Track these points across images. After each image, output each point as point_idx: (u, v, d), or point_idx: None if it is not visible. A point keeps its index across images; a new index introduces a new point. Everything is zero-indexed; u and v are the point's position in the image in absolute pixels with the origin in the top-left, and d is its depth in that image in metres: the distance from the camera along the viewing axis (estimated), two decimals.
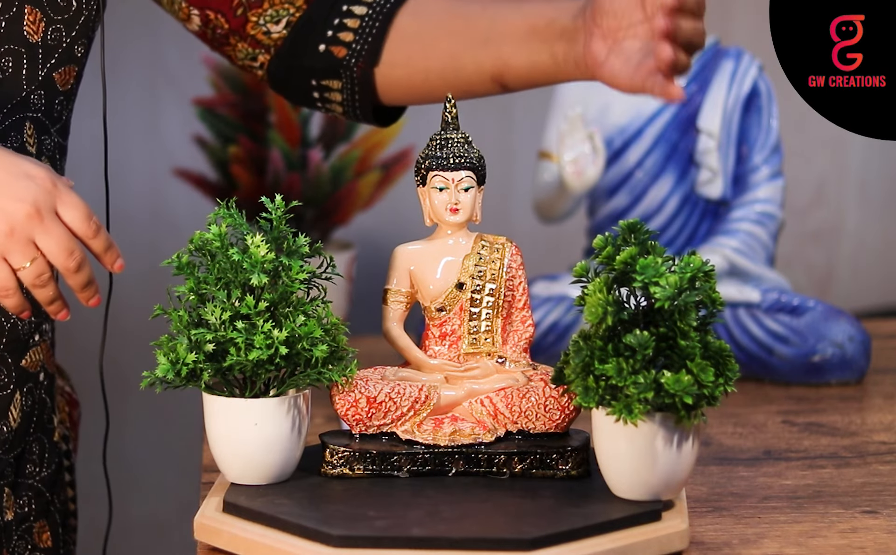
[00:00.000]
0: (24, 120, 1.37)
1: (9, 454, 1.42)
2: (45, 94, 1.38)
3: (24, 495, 1.45)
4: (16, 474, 1.44)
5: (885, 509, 1.34)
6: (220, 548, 1.24)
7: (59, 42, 1.38)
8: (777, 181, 1.89)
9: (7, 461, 1.42)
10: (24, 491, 1.45)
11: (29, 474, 1.46)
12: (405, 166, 2.05)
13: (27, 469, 1.46)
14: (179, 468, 2.34)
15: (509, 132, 2.37)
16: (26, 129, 1.38)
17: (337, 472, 1.31)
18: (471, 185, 1.34)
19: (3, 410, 1.41)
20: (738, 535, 1.28)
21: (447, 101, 1.36)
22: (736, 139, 1.89)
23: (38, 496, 1.47)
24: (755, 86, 1.89)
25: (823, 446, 1.54)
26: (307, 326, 1.26)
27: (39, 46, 1.36)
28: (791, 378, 1.80)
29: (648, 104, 1.89)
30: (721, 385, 1.21)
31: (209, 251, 1.28)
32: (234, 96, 2.02)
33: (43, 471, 1.48)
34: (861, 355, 1.79)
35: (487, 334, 1.35)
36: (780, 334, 1.80)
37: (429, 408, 1.33)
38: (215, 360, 1.26)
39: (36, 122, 1.39)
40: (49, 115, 1.40)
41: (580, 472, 1.31)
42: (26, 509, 1.45)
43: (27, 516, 1.46)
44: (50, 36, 1.37)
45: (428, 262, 1.36)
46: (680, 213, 1.90)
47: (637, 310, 1.23)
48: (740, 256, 1.86)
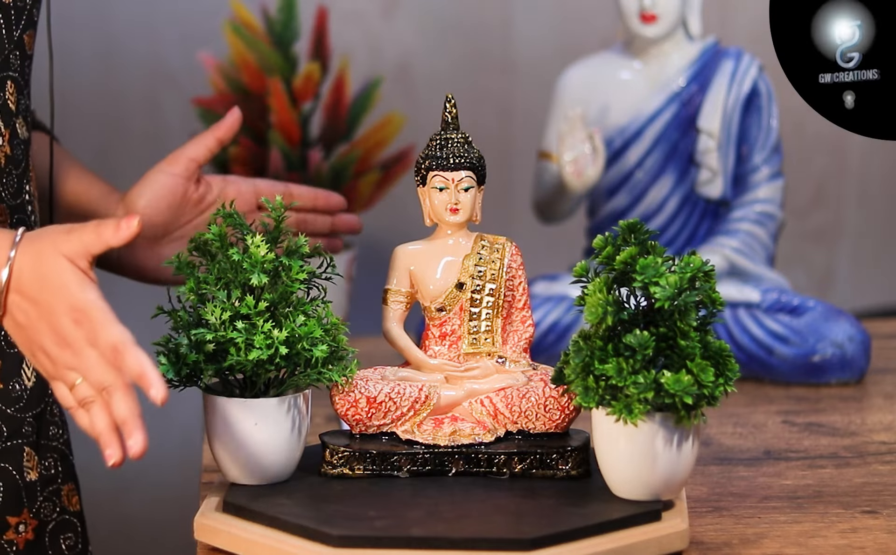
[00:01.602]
0: (7, 78, 1.38)
1: (25, 413, 1.42)
2: (19, 55, 1.39)
3: (49, 456, 1.45)
4: (37, 434, 1.43)
5: (885, 509, 1.34)
6: (220, 548, 1.24)
7: (24, 4, 1.38)
8: (777, 181, 1.89)
9: (25, 420, 1.42)
10: (48, 453, 1.45)
11: (52, 436, 1.45)
12: (405, 166, 2.05)
13: (50, 431, 1.45)
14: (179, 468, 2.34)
15: (509, 132, 2.37)
16: (8, 88, 1.38)
17: (337, 472, 1.31)
18: (471, 185, 1.34)
19: (17, 368, 1.40)
20: (738, 535, 1.28)
21: (447, 102, 1.36)
22: (736, 139, 1.89)
23: (63, 459, 1.47)
24: (755, 86, 1.89)
25: (823, 446, 1.54)
26: (307, 326, 1.26)
27: (11, 7, 1.37)
28: (791, 378, 1.80)
29: (648, 104, 1.89)
30: (721, 385, 1.21)
31: (209, 251, 1.28)
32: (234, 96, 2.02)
33: (66, 433, 1.48)
34: (861, 355, 1.79)
35: (487, 334, 1.35)
36: (780, 334, 1.80)
37: (429, 408, 1.33)
38: (215, 360, 1.26)
39: (15, 82, 1.39)
40: (22, 76, 1.41)
41: (580, 472, 1.31)
42: (52, 472, 1.45)
43: (54, 479, 1.45)
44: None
45: (428, 262, 1.36)
46: (680, 213, 1.90)
47: (637, 310, 1.23)
48: (740, 256, 1.86)
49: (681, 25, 1.88)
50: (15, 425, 1.41)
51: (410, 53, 2.34)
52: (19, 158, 1.40)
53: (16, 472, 1.41)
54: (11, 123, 1.38)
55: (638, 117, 1.89)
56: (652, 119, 1.89)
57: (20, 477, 1.41)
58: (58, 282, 1.23)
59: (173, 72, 2.32)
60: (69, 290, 1.23)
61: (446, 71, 2.35)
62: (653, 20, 1.86)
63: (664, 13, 1.85)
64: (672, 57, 1.89)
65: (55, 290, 1.23)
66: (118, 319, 1.21)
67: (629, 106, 1.90)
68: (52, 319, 1.23)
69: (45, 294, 1.24)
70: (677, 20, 1.87)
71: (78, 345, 1.22)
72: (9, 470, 1.41)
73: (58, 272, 1.24)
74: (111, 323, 1.22)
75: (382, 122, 2.05)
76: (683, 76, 1.89)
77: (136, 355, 1.20)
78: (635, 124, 1.89)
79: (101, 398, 1.23)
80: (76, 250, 1.24)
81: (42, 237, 1.26)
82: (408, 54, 2.34)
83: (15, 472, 1.41)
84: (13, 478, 1.41)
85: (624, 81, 1.91)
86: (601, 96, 1.90)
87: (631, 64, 1.91)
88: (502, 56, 2.37)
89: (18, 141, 1.40)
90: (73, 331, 1.22)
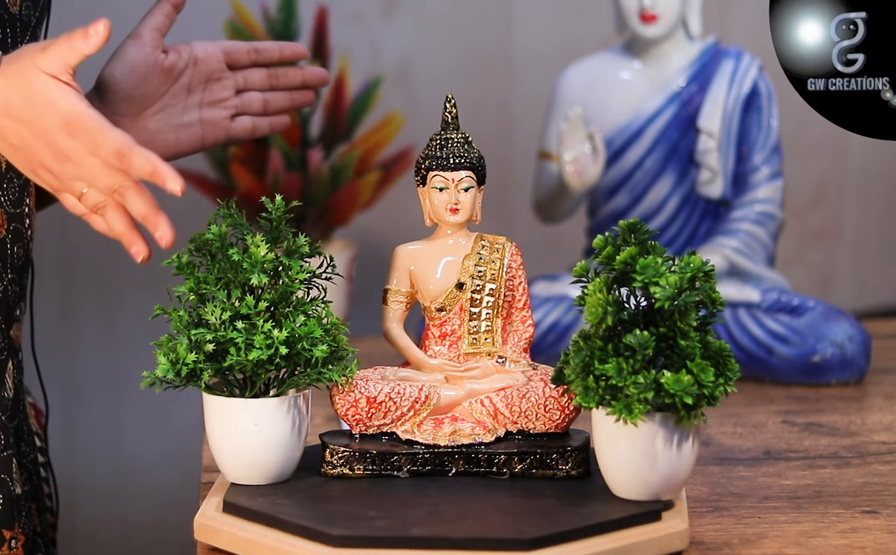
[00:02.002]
0: None
1: (11, 424, 1.42)
2: None
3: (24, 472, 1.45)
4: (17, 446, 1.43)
5: (885, 509, 1.34)
6: (220, 548, 1.24)
7: (29, 18, 1.38)
8: (777, 181, 1.89)
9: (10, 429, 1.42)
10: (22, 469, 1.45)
11: (23, 453, 1.45)
12: (405, 166, 2.05)
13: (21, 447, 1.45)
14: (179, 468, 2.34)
15: (509, 132, 2.37)
16: None
17: (337, 472, 1.31)
18: (471, 185, 1.34)
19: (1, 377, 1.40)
20: (738, 535, 1.28)
21: (447, 102, 1.36)
22: (736, 139, 1.89)
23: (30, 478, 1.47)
24: (755, 86, 1.89)
25: (823, 446, 1.54)
26: (307, 326, 1.26)
27: (17, 19, 1.37)
28: (791, 378, 1.80)
29: (648, 104, 1.89)
30: (721, 385, 1.21)
31: (209, 251, 1.28)
32: None
33: (31, 453, 1.48)
34: (861, 355, 1.79)
35: (487, 334, 1.35)
36: (780, 334, 1.80)
37: (429, 408, 1.33)
38: (215, 360, 1.26)
39: None
40: None
41: (580, 472, 1.31)
42: (27, 487, 1.45)
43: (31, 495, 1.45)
44: (23, 10, 1.38)
45: (428, 262, 1.36)
46: (680, 213, 1.90)
47: (637, 310, 1.23)
48: (740, 256, 1.86)
49: (681, 25, 1.89)
50: (7, 435, 1.41)
51: (410, 53, 2.35)
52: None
53: (10, 483, 1.41)
54: None
55: (638, 117, 1.90)
56: (652, 119, 1.89)
57: (12, 489, 1.41)
58: (45, 99, 1.24)
59: None
60: (58, 105, 1.25)
61: (446, 71, 2.35)
62: (653, 20, 1.86)
63: (664, 13, 1.86)
64: (672, 57, 1.89)
65: (44, 107, 1.25)
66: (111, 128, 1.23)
67: (629, 106, 1.90)
68: (46, 137, 1.25)
69: (34, 114, 1.25)
70: (677, 20, 1.87)
71: (78, 156, 1.24)
72: (5, 481, 1.40)
73: (43, 89, 1.25)
74: (108, 128, 1.23)
75: (382, 122, 2.05)
76: (683, 76, 1.89)
77: (143, 153, 1.21)
78: (635, 124, 1.90)
79: (112, 201, 1.25)
80: (55, 66, 1.25)
81: (21, 57, 1.27)
82: (408, 54, 2.34)
83: (10, 483, 1.41)
84: (8, 489, 1.40)
85: (624, 81, 1.91)
86: (601, 96, 1.90)
87: (631, 64, 1.91)
88: (502, 56, 2.37)
89: None
90: (70, 143, 1.24)
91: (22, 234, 1.41)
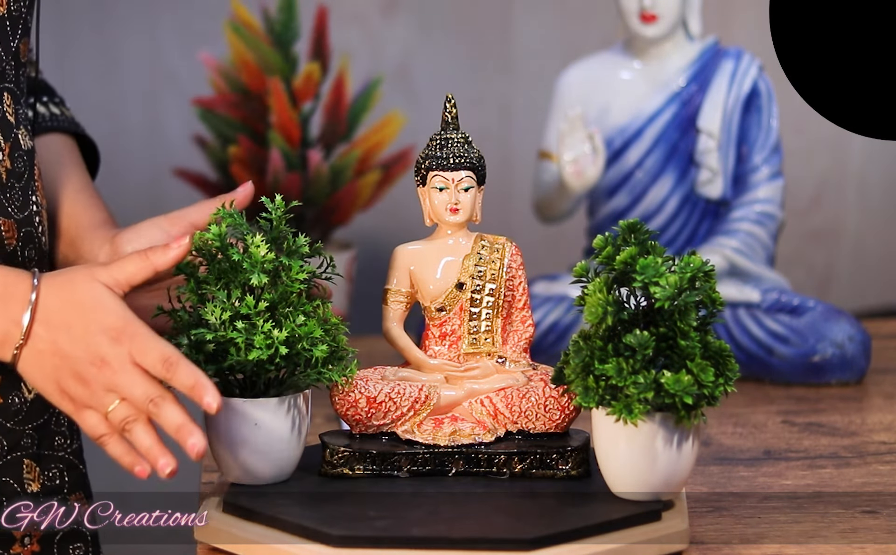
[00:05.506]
0: (3, 91, 1.38)
1: (25, 426, 1.41)
2: (14, 65, 1.39)
3: (54, 467, 1.45)
4: (39, 445, 1.43)
5: (885, 509, 1.34)
6: (220, 548, 1.24)
7: (19, 13, 1.38)
8: (777, 181, 1.89)
9: (24, 432, 1.41)
10: (52, 463, 1.45)
11: (58, 446, 1.45)
12: (405, 166, 2.05)
13: (55, 441, 1.45)
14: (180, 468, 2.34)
15: (509, 132, 2.37)
16: (5, 100, 1.38)
17: (337, 472, 1.31)
18: (471, 185, 1.34)
19: (17, 382, 1.40)
20: (738, 535, 1.28)
21: (447, 102, 1.36)
22: (736, 139, 1.89)
23: (71, 469, 1.46)
24: (755, 86, 1.89)
25: (823, 446, 1.54)
26: (307, 326, 1.26)
27: (7, 18, 1.37)
28: (791, 378, 1.80)
29: (648, 104, 1.89)
30: (721, 385, 1.21)
31: (209, 251, 1.28)
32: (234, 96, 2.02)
33: (75, 443, 1.47)
34: (861, 355, 1.79)
35: (487, 334, 1.35)
36: (780, 334, 1.80)
37: (429, 408, 1.33)
38: (215, 360, 1.26)
39: (12, 93, 1.39)
40: (18, 85, 1.40)
41: (580, 472, 1.31)
42: (57, 482, 1.45)
43: (59, 489, 1.45)
44: (13, 6, 1.37)
45: (428, 262, 1.36)
46: (680, 213, 1.90)
47: (637, 310, 1.23)
48: (740, 256, 1.86)
49: (681, 25, 1.89)
50: (15, 438, 1.41)
51: (410, 53, 2.35)
52: (21, 171, 1.39)
53: (17, 484, 1.41)
54: (12, 136, 1.38)
55: (638, 117, 1.90)
56: (652, 119, 1.89)
57: (21, 489, 1.41)
58: (95, 301, 1.24)
59: (173, 72, 2.32)
60: (108, 308, 1.24)
61: (446, 71, 2.35)
62: (653, 20, 1.86)
63: (664, 13, 1.85)
64: (672, 57, 1.89)
65: (91, 308, 1.24)
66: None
67: (629, 106, 1.90)
68: (87, 340, 1.23)
69: (79, 316, 1.24)
70: (677, 20, 1.87)
71: (118, 362, 1.23)
72: (10, 483, 1.40)
73: (94, 293, 1.24)
74: (156, 337, 1.23)
75: (382, 122, 2.05)
76: (683, 76, 1.89)
77: (189, 366, 1.21)
78: (635, 124, 1.90)
79: (143, 416, 1.23)
80: (116, 278, 1.26)
81: (72, 271, 1.27)
82: (408, 54, 2.34)
83: (16, 484, 1.41)
84: (14, 491, 1.41)
85: (624, 81, 1.91)
86: (601, 96, 1.90)
87: (631, 64, 1.91)
88: (502, 56, 2.37)
89: (21, 152, 1.39)
90: (113, 349, 1.23)
91: (33, 235, 1.40)
